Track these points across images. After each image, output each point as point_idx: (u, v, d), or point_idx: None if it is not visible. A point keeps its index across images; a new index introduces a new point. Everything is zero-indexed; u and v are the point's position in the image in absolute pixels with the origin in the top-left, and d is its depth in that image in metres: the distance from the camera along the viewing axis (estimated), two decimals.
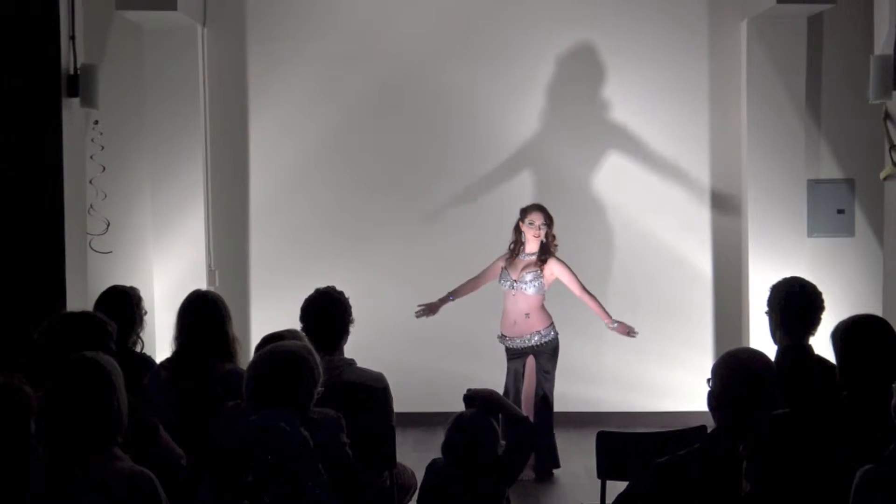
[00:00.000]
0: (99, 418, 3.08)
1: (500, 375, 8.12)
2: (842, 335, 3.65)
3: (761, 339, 5.29)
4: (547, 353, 6.84)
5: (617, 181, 8.11)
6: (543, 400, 6.80)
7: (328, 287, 4.82)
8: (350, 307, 4.76)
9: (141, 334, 5.09)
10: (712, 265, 8.19)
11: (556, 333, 6.87)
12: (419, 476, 4.18)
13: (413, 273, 8.21)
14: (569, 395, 7.05)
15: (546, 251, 6.85)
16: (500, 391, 7.94)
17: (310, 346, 3.86)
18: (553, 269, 6.84)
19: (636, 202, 7.90)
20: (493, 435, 3.92)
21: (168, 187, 7.98)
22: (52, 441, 3.06)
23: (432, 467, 4.00)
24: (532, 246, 6.86)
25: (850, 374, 3.58)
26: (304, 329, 4.60)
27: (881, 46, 6.49)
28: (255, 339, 7.68)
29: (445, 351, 8.15)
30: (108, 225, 7.41)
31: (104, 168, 7.38)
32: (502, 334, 6.96)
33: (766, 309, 4.77)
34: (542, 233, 6.82)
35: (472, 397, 4.03)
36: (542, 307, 6.87)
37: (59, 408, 3.06)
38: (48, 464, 3.05)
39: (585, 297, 6.87)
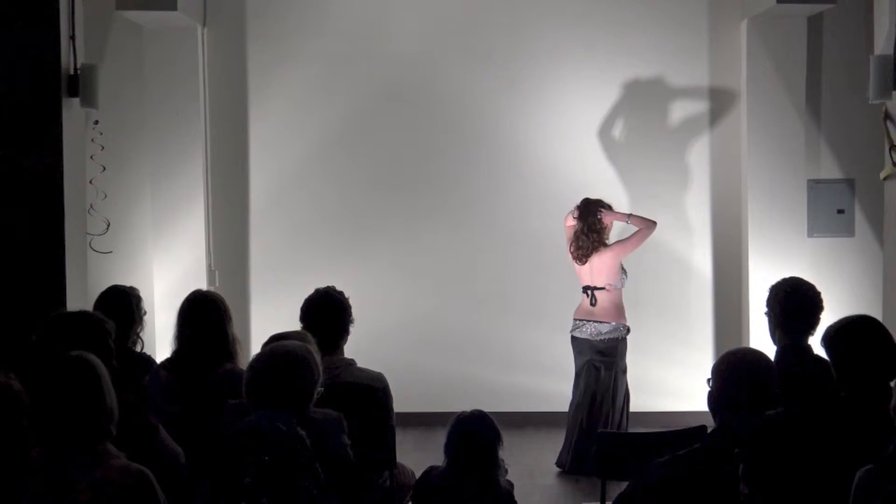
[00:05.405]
0: (88, 415, 3.08)
1: (499, 375, 8.16)
2: (835, 337, 3.65)
3: (761, 339, 5.29)
4: None
5: (617, 181, 8.11)
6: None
7: (328, 287, 4.81)
8: (350, 307, 4.76)
9: (141, 334, 5.09)
10: (712, 265, 8.19)
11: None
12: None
13: (413, 274, 8.21)
14: (569, 395, 7.05)
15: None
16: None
17: (311, 346, 3.85)
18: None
19: (636, 202, 7.89)
20: (495, 433, 3.92)
21: (168, 187, 7.98)
22: (45, 440, 3.06)
23: (429, 474, 4.00)
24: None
25: (847, 375, 3.58)
26: (303, 329, 4.59)
27: (881, 46, 6.48)
28: (255, 339, 7.72)
29: (446, 351, 8.15)
30: (108, 225, 7.42)
31: (104, 168, 7.39)
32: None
33: (765, 309, 4.78)
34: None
35: None
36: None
37: (47, 407, 3.06)
38: (44, 463, 3.05)
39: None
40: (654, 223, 6.99)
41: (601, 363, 6.86)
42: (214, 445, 3.58)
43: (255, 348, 4.41)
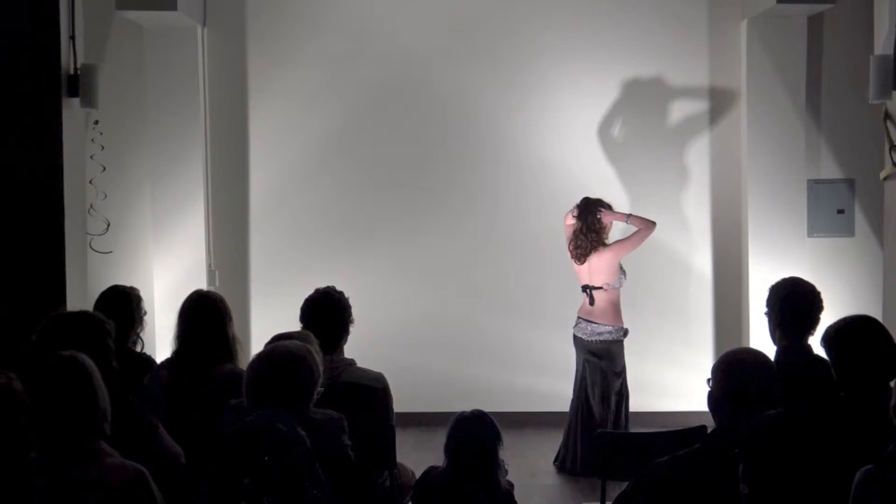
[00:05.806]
0: (80, 414, 3.09)
1: (499, 375, 8.15)
2: (835, 337, 3.65)
3: (761, 339, 5.29)
4: None
5: (617, 181, 8.11)
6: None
7: (328, 287, 4.81)
8: (350, 307, 4.76)
9: (141, 334, 5.09)
10: (712, 265, 8.19)
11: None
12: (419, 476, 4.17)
13: (413, 273, 8.21)
14: (570, 395, 7.05)
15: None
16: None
17: (312, 346, 3.85)
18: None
19: (636, 202, 7.90)
20: (495, 433, 3.92)
21: (168, 187, 7.98)
22: (39, 440, 3.06)
23: (429, 474, 4.00)
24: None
25: (847, 376, 3.58)
26: (303, 329, 4.58)
27: (881, 46, 6.48)
28: (256, 338, 7.72)
29: (446, 351, 8.15)
30: (108, 225, 7.41)
31: (104, 168, 7.38)
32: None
33: (765, 309, 4.78)
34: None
35: None
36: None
37: (39, 407, 3.06)
38: (40, 463, 3.05)
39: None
40: (654, 223, 6.99)
41: (593, 363, 6.86)
42: (214, 445, 3.58)
43: (255, 348, 4.41)
